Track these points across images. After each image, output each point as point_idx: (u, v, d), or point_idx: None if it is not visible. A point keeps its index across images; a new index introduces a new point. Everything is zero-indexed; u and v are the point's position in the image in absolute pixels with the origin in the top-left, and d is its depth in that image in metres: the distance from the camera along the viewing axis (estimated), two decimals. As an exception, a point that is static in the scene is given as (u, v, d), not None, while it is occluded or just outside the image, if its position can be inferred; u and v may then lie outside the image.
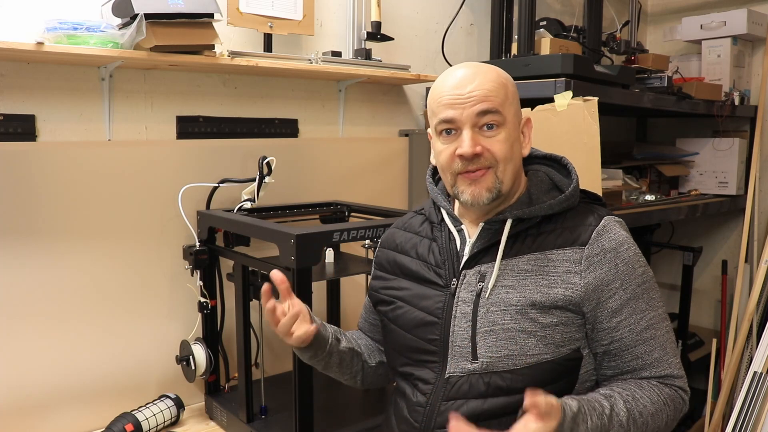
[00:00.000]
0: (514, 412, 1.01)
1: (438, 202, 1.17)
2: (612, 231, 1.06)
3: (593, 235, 1.05)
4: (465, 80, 1.04)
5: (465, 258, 1.10)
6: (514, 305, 1.03)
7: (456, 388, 1.05)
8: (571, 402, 0.93)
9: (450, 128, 1.05)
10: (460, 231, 1.13)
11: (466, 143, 1.02)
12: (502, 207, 1.10)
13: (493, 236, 1.08)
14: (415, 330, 1.11)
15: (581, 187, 1.13)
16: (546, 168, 1.16)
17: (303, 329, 1.07)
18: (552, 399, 0.88)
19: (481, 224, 1.10)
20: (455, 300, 1.07)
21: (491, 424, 1.00)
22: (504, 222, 1.08)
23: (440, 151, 1.07)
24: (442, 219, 1.16)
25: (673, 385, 1.05)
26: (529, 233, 1.08)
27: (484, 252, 1.09)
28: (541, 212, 1.07)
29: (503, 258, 1.06)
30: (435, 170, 1.22)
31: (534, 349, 1.01)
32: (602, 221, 1.06)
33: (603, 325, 1.03)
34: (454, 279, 1.09)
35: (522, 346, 1.01)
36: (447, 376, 1.06)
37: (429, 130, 1.12)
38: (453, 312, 1.07)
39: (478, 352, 1.03)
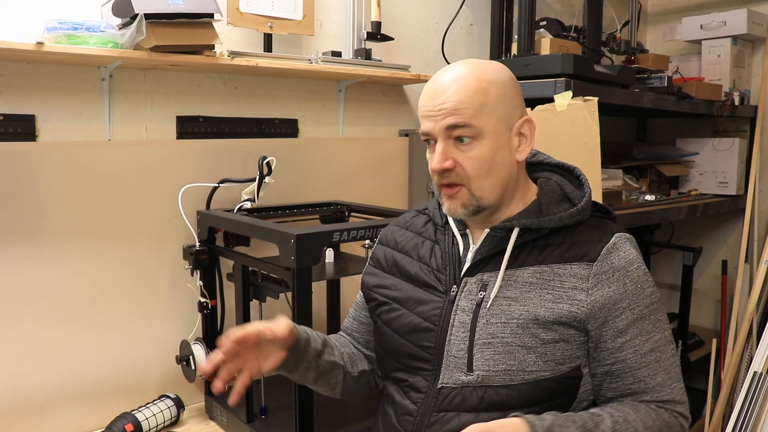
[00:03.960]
0: None
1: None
2: (622, 249, 1.03)
3: (603, 252, 1.01)
4: (440, 90, 1.01)
5: (467, 265, 1.06)
6: (515, 319, 0.99)
7: (448, 399, 1.02)
8: (544, 415, 0.92)
9: (429, 139, 1.04)
10: (464, 235, 1.09)
11: (435, 158, 1.01)
12: (508, 214, 1.06)
13: (498, 244, 1.05)
14: (409, 335, 1.08)
15: None
16: (557, 177, 1.12)
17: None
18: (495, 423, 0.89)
19: (486, 230, 1.06)
20: (454, 308, 1.04)
21: None
22: (510, 230, 1.04)
23: (428, 161, 1.06)
24: (447, 222, 1.13)
25: (673, 411, 1.01)
26: (536, 244, 1.04)
27: (487, 260, 1.05)
28: (550, 224, 1.03)
29: (507, 268, 1.03)
30: None
31: (533, 366, 0.98)
32: (612, 238, 1.03)
33: (607, 344, 1.00)
34: (455, 286, 1.06)
35: (521, 361, 0.98)
36: (439, 386, 1.03)
37: None
38: (451, 320, 1.04)
39: (474, 364, 1.00)
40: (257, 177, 1.69)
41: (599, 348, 1.00)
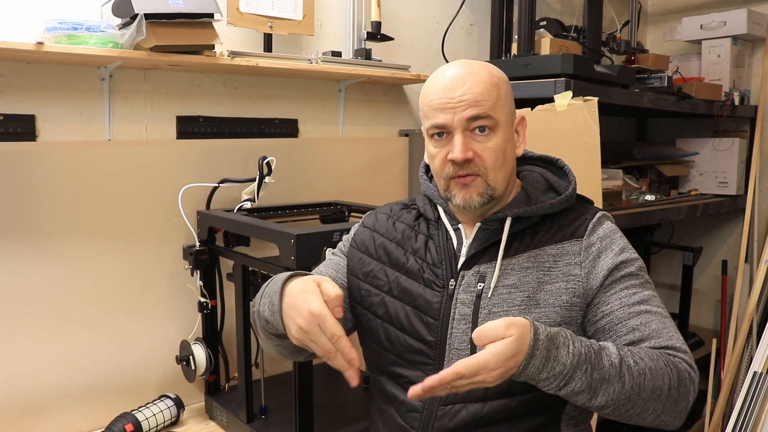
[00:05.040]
0: (514, 417, 1.00)
1: (434, 199, 1.15)
2: (605, 223, 1.08)
3: (589, 226, 1.06)
4: (456, 82, 1.02)
5: (463, 259, 1.08)
6: (517, 305, 1.01)
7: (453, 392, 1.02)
8: (552, 327, 0.89)
9: (442, 132, 1.04)
10: (457, 230, 1.11)
11: (457, 148, 1.01)
12: (497, 207, 1.09)
13: (491, 236, 1.07)
14: (408, 329, 1.08)
15: (581, 188, 1.13)
16: (540, 169, 1.16)
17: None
18: (506, 320, 0.83)
19: (478, 224, 1.09)
20: (453, 301, 1.05)
21: (491, 430, 0.99)
22: (502, 221, 1.07)
23: (433, 155, 1.06)
24: (439, 217, 1.14)
25: (676, 355, 0.96)
26: (526, 233, 1.07)
27: (481, 252, 1.07)
28: (541, 211, 1.07)
29: (503, 257, 1.05)
30: (428, 167, 1.20)
31: None
32: (596, 215, 1.08)
33: (594, 301, 1.01)
34: (452, 279, 1.07)
35: None
36: None
37: (422, 128, 1.10)
38: (451, 313, 1.04)
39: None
40: (257, 177, 1.69)
41: (589, 307, 1.02)
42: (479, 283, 1.04)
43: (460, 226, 1.11)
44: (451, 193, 1.06)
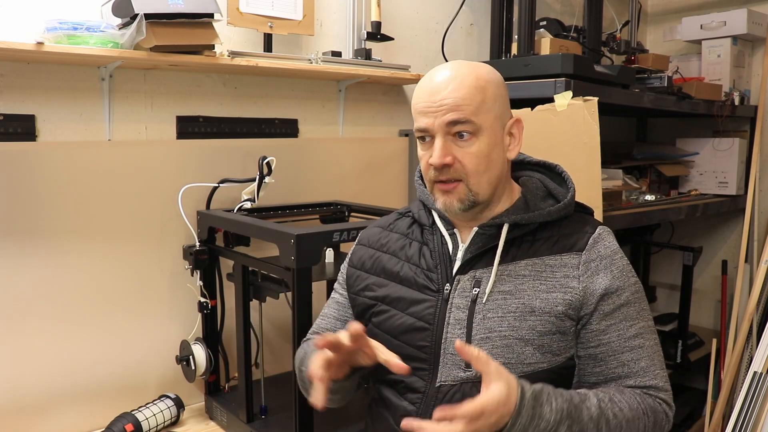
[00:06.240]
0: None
1: (429, 204, 1.14)
2: (606, 240, 1.07)
3: (590, 241, 1.05)
4: (439, 86, 1.02)
5: (458, 263, 1.07)
6: (512, 312, 1.01)
7: (448, 396, 1.02)
8: (535, 384, 0.91)
9: (425, 135, 1.04)
10: (452, 235, 1.11)
11: (435, 153, 1.01)
12: (496, 212, 1.08)
13: (488, 241, 1.07)
14: (403, 336, 1.08)
15: (581, 188, 1.13)
16: (539, 175, 1.15)
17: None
18: (497, 365, 0.87)
19: (475, 229, 1.08)
20: (449, 306, 1.05)
21: None
22: (499, 227, 1.06)
23: (420, 157, 1.07)
24: (434, 222, 1.14)
25: (657, 397, 1.02)
26: (524, 239, 1.07)
27: (478, 257, 1.07)
28: (539, 218, 1.06)
29: (499, 263, 1.04)
30: None
31: (531, 358, 0.99)
32: (597, 229, 1.08)
33: (592, 326, 1.02)
34: (447, 284, 1.07)
35: (519, 354, 0.99)
36: (438, 384, 1.03)
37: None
38: (446, 318, 1.04)
39: None
40: (257, 177, 1.69)
41: (584, 329, 1.02)
42: (474, 288, 1.04)
43: (455, 230, 1.11)
44: (434, 197, 1.07)
